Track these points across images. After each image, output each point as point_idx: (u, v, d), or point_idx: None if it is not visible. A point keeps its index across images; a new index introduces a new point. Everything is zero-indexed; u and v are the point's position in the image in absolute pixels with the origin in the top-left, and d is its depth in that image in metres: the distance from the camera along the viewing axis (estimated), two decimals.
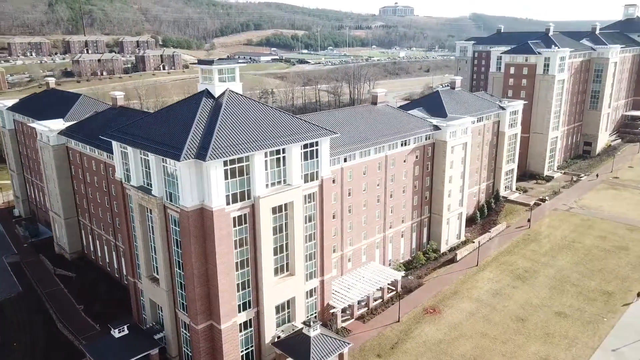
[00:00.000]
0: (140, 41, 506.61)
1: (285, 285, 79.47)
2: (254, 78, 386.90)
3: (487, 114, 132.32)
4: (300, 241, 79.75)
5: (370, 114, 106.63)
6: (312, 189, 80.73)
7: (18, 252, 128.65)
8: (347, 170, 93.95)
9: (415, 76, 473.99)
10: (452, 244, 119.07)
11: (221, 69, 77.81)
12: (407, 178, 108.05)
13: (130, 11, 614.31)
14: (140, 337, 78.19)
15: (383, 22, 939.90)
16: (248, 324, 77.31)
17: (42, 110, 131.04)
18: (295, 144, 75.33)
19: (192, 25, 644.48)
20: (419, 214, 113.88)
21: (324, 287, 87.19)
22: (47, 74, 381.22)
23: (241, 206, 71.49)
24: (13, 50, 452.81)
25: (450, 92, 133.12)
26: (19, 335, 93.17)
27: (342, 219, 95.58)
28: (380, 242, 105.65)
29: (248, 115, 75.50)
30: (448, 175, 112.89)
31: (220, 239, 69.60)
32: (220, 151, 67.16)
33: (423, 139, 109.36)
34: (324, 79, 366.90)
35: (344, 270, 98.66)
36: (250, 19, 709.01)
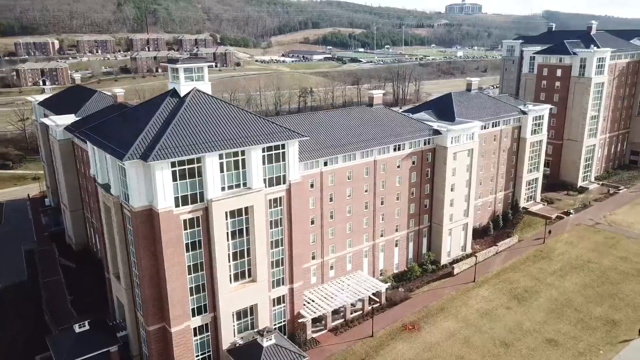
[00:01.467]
0: (198, 39, 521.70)
1: (245, 292, 77.13)
2: (297, 77, 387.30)
3: (504, 119, 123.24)
4: (263, 247, 77.10)
5: (363, 116, 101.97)
6: (279, 193, 77.88)
7: (36, 240, 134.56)
8: (328, 175, 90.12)
9: (470, 76, 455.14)
10: (455, 256, 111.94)
11: (187, 67, 76.55)
12: (402, 185, 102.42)
13: (192, 10, 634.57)
14: (102, 334, 78.28)
15: (447, 20, 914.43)
16: (204, 329, 75.72)
17: (62, 105, 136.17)
18: (254, 146, 72.74)
19: (251, 23, 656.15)
20: (416, 222, 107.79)
21: (293, 295, 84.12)
22: (107, 70, 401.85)
23: (192, 209, 69.88)
24: (81, 48, 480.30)
25: (465, 95, 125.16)
26: (9, 323, 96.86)
27: (322, 225, 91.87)
28: (369, 250, 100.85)
29: (209, 115, 73.76)
30: (449, 183, 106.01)
31: (168, 241, 68.35)
32: (167, 152, 65.84)
33: (421, 144, 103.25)
34: (374, 78, 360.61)
35: (324, 279, 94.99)
36: (308, 18, 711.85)
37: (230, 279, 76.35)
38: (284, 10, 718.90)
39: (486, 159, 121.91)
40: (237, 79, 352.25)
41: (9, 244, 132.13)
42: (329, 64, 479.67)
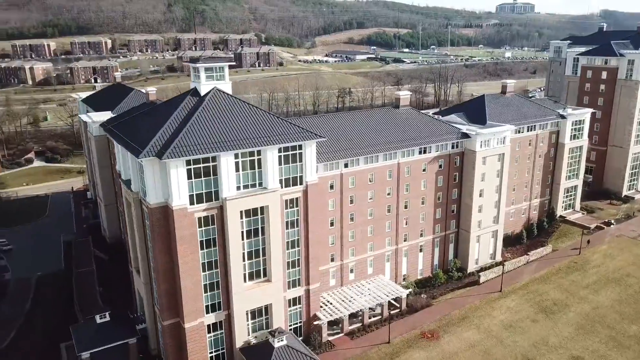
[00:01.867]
0: (243, 39, 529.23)
1: (260, 291, 77.22)
2: (339, 77, 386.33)
3: (541, 123, 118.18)
4: (278, 247, 76.92)
5: (388, 118, 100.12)
6: (295, 194, 77.50)
7: (75, 232, 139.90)
8: (348, 177, 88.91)
9: (517, 78, 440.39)
10: (483, 263, 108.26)
11: (208, 67, 77.48)
12: (428, 189, 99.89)
13: (239, 10, 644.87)
14: (122, 326, 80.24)
15: (498, 20, 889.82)
16: (218, 326, 76.32)
17: (102, 103, 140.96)
18: (270, 146, 72.63)
19: (296, 23, 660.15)
20: (442, 228, 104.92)
21: (309, 297, 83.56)
22: (154, 69, 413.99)
23: (207, 207, 70.51)
24: (132, 47, 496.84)
25: (499, 97, 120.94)
26: (41, 310, 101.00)
27: (342, 228, 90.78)
28: (392, 255, 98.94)
29: (227, 115, 74.25)
30: (478, 188, 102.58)
31: (182, 238, 69.21)
32: (181, 150, 66.69)
33: (448, 147, 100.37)
34: (416, 78, 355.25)
35: (344, 281, 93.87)
36: (354, 18, 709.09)
37: (245, 278, 76.66)
38: (329, 10, 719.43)
39: (520, 164, 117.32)
40: (278, 78, 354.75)
41: (50, 234, 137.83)
42: (371, 64, 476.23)
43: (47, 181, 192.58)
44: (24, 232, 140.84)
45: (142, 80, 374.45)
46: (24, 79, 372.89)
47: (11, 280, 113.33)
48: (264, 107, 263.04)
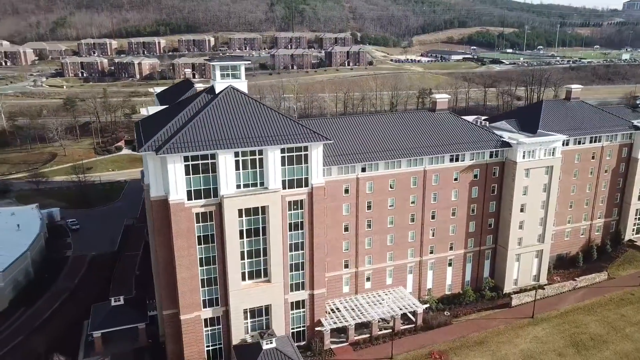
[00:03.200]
0: (338, 38, 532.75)
1: (259, 291, 77.15)
2: (429, 77, 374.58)
3: (607, 134, 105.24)
4: (279, 248, 76.23)
5: (422, 122, 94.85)
6: (299, 196, 76.29)
7: (138, 217, 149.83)
8: (365, 181, 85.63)
9: (634, 82, 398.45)
10: (524, 285, 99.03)
11: (223, 65, 78.75)
12: (460, 199, 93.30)
13: (338, 9, 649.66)
14: (135, 310, 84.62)
15: (622, 19, 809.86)
16: (215, 321, 77.42)
17: (168, 97, 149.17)
18: (272, 146, 72.06)
19: (395, 22, 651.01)
20: (477, 243, 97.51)
21: (314, 302, 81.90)
22: (247, 66, 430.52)
23: (205, 203, 71.67)
24: (232, 45, 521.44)
25: (560, 104, 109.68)
26: (85, 287, 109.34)
27: (357, 234, 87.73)
28: (415, 267, 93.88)
29: (236, 113, 74.91)
30: (518, 202, 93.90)
31: (179, 232, 70.98)
32: (179, 146, 68.39)
33: (485, 156, 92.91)
34: (513, 80, 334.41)
35: (358, 289, 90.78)
36: (456, 16, 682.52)
37: (245, 277, 76.98)
38: (431, 9, 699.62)
39: (580, 178, 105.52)
40: (361, 78, 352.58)
41: (117, 218, 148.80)
42: (466, 65, 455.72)
43: (129, 168, 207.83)
44: (96, 214, 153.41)
45: None
46: (133, 73, 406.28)
47: (70, 258, 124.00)
48: (339, 107, 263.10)
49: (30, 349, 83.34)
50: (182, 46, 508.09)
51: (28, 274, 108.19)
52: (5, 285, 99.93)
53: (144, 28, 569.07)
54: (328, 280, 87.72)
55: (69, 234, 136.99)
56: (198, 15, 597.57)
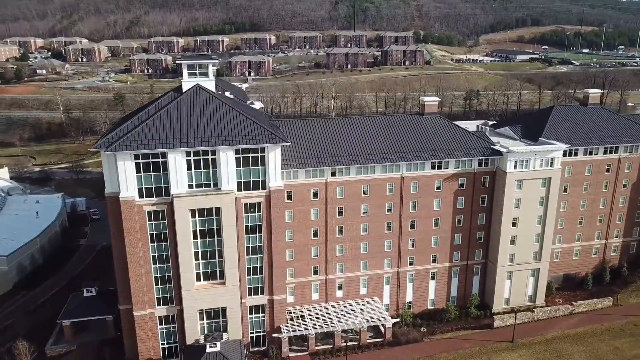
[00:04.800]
0: (398, 37, 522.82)
1: (214, 292, 76.55)
2: (488, 77, 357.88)
3: (626, 145, 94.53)
4: (234, 251, 75.20)
5: (408, 126, 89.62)
6: (256, 198, 74.68)
7: None
8: (336, 186, 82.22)
9: None
10: (516, 305, 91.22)
11: (190, 64, 78.71)
12: (444, 209, 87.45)
13: (402, 7, 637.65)
14: (105, 302, 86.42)
15: None
16: (170, 320, 77.64)
17: None
18: (224, 147, 70.96)
19: (462, 21, 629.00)
20: (464, 256, 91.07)
21: (273, 308, 79.96)
22: (302, 65, 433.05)
23: (157, 202, 71.95)
24: (292, 43, 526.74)
25: (575, 110, 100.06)
26: (86, 275, 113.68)
27: (327, 240, 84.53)
28: (392, 278, 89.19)
29: (196, 112, 74.62)
30: (509, 215, 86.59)
31: (130, 229, 71.79)
32: (128, 144, 69.02)
33: (473, 164, 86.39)
34: (572, 82, 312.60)
35: (329, 297, 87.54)
36: (529, 14, 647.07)
37: (200, 277, 76.55)
38: (502, 6, 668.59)
39: (591, 192, 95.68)
40: (408, 78, 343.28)
41: None
42: (531, 65, 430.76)
43: None
44: None
45: (289, 75, 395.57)
46: None
47: (82, 246, 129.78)
48: (380, 107, 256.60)
49: (13, 333, 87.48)
50: (244, 44, 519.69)
51: (35, 260, 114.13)
52: (9, 270, 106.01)
53: (211, 27, 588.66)
54: (296, 285, 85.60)
55: (89, 224, 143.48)
56: (262, 14, 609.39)
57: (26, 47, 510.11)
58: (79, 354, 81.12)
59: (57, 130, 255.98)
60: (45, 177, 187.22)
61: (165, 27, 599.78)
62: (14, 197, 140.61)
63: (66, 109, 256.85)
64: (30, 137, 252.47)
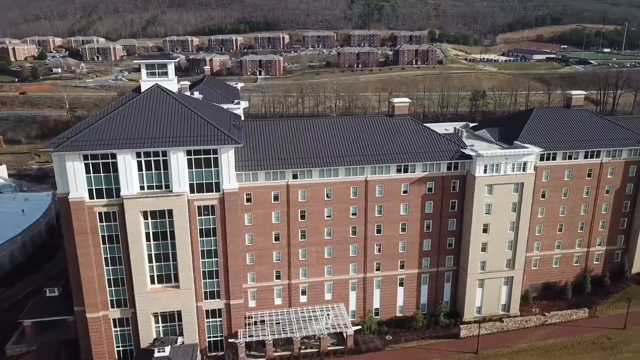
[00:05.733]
0: (413, 36, 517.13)
1: (168, 296, 75.48)
2: (500, 77, 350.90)
3: (609, 149, 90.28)
4: (187, 254, 74.00)
5: (377, 128, 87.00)
6: (210, 201, 73.29)
7: None
8: (297, 189, 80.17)
9: None
10: (489, 313, 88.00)
11: (149, 64, 77.69)
12: (411, 214, 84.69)
13: (419, 6, 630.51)
14: (65, 303, 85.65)
15: None
16: (124, 322, 76.75)
17: None
18: (175, 148, 69.73)
19: (480, 20, 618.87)
20: (434, 263, 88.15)
21: (230, 312, 78.48)
22: (312, 64, 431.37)
23: (107, 203, 71.11)
24: (305, 42, 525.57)
25: (557, 112, 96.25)
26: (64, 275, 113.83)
27: (290, 244, 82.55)
28: (359, 283, 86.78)
29: (151, 112, 73.73)
30: (480, 221, 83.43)
31: (80, 230, 71.18)
32: (77, 145, 68.34)
33: (442, 168, 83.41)
34: (583, 83, 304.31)
35: (292, 303, 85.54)
36: (549, 13, 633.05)
37: (154, 280, 75.55)
38: (521, 5, 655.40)
39: (572, 198, 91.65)
40: (422, 77, 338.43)
41: None
42: (547, 65, 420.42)
43: None
44: None
45: (298, 75, 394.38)
46: (203, 70, 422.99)
47: None
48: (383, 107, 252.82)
49: None
50: (257, 44, 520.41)
51: (15, 258, 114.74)
52: None
53: (226, 26, 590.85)
54: (258, 290, 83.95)
55: None
56: (277, 13, 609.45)
57: (45, 46, 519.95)
58: (38, 354, 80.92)
59: (63, 128, 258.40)
60: (44, 174, 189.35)
61: (181, 26, 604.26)
62: (4, 195, 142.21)
63: (72, 107, 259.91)
64: (37, 135, 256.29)
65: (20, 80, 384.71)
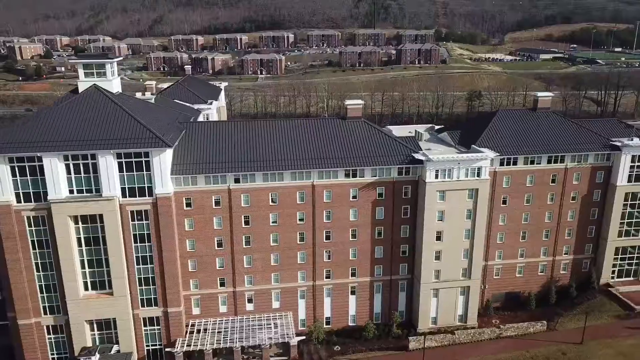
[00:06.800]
0: (418, 35, 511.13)
1: (102, 303, 73.25)
2: (502, 78, 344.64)
3: (575, 154, 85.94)
4: (119, 260, 71.80)
5: (326, 131, 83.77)
6: (143, 205, 70.92)
7: None
8: (240, 194, 77.31)
9: None
10: (445, 324, 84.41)
11: (86, 64, 75.62)
12: (362, 220, 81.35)
13: (426, 5, 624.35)
14: None
15: None
16: (58, 329, 74.73)
17: None
18: (103, 151, 67.42)
19: (488, 18, 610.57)
20: (387, 271, 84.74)
21: (168, 320, 76.04)
22: (313, 63, 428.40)
23: (36, 207, 69.19)
24: (309, 42, 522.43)
25: (521, 115, 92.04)
26: None
27: (233, 251, 79.74)
28: (308, 292, 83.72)
29: (84, 114, 71.52)
30: (432, 228, 79.85)
31: (8, 235, 69.57)
32: None
33: (392, 173, 79.95)
34: (584, 83, 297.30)
35: (238, 311, 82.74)
36: (559, 11, 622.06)
37: (88, 286, 73.49)
38: (531, 3, 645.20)
39: (535, 205, 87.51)
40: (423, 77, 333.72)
41: None
42: (553, 65, 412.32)
43: None
44: None
45: (299, 74, 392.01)
46: (206, 68, 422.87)
47: None
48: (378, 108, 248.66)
49: None
50: (262, 43, 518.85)
51: None
52: None
53: (232, 25, 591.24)
54: (201, 297, 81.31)
55: None
56: (284, 13, 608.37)
57: (52, 45, 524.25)
58: None
59: None
60: None
61: (187, 25, 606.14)
62: None
63: None
64: None
65: (24, 78, 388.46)
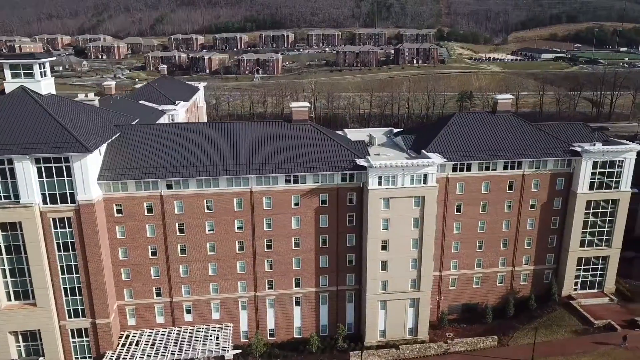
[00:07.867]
0: (419, 34, 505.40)
1: (25, 314, 70.38)
2: (501, 77, 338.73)
3: (532, 160, 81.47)
4: (41, 270, 68.85)
5: (270, 135, 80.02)
6: (65, 213, 67.84)
7: None
8: (173, 200, 73.95)
9: None
10: (394, 337, 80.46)
11: (13, 64, 72.59)
12: (305, 228, 77.67)
13: (429, 4, 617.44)
14: None
15: None
16: None
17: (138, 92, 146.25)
18: (17, 155, 64.32)
19: (492, 18, 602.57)
20: (333, 281, 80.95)
21: (97, 332, 72.88)
22: (310, 63, 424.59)
23: None
24: (310, 41, 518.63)
25: (479, 118, 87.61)
26: None
27: (168, 260, 76.39)
28: (249, 302, 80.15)
29: (4, 118, 68.17)
30: (377, 237, 75.94)
31: None
32: None
33: (336, 179, 76.10)
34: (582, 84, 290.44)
35: (176, 322, 79.44)
36: (565, 10, 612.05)
37: (10, 296, 70.55)
38: (536, 2, 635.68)
39: (492, 213, 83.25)
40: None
41: None
42: (554, 65, 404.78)
43: None
44: None
45: (295, 73, 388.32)
46: (203, 68, 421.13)
47: None
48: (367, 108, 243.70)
49: None
50: (261, 42, 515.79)
51: None
52: None
53: (232, 24, 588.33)
54: (137, 307, 78.08)
55: None
56: (285, 12, 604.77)
57: (53, 44, 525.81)
58: None
59: None
60: None
61: (188, 24, 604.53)
62: None
63: None
64: None
65: None
